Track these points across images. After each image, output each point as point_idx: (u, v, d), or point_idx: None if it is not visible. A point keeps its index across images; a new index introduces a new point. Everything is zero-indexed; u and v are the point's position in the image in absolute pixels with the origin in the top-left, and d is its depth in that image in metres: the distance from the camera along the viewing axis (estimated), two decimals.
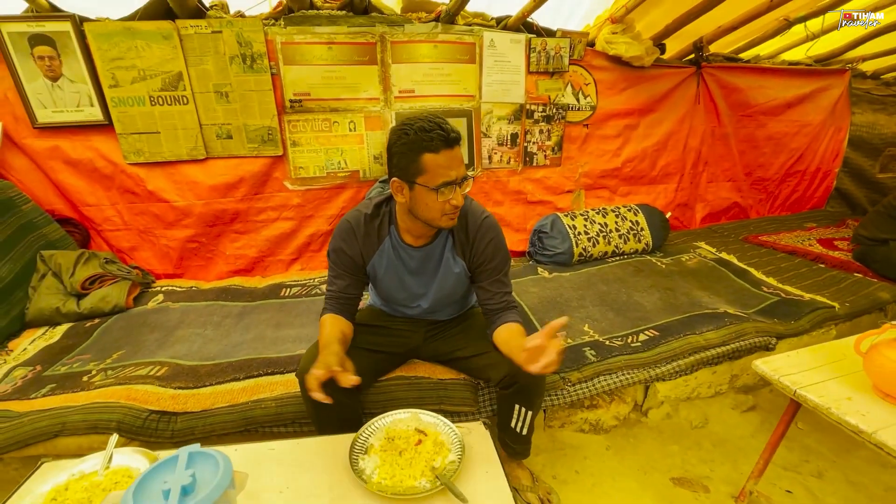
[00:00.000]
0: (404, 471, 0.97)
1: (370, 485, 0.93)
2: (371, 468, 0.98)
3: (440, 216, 1.14)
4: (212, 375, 1.51)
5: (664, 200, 2.83)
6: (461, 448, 1.01)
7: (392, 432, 1.06)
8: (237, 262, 2.30)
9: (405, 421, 1.10)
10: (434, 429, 1.08)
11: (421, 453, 1.00)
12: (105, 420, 1.31)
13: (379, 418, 1.11)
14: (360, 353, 1.31)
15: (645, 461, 1.64)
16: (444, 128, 1.06)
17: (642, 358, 1.65)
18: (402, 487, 0.93)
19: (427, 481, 0.94)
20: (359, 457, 1.01)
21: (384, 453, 1.01)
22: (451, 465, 0.98)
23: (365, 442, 1.05)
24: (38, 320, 1.82)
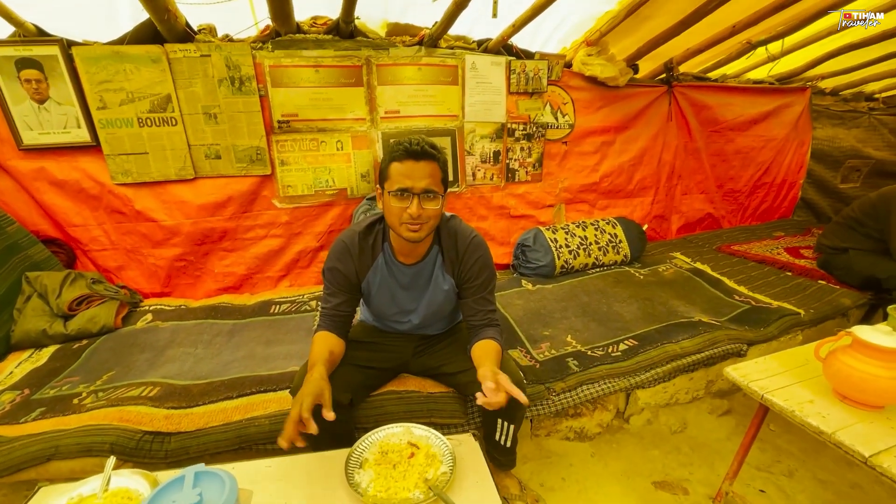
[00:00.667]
0: (398, 483, 1.01)
1: (366, 498, 0.97)
2: (366, 482, 1.02)
3: (399, 224, 1.20)
4: (205, 395, 1.53)
5: (641, 213, 2.96)
6: (452, 459, 1.06)
7: (385, 446, 1.11)
8: (225, 280, 2.32)
9: (398, 435, 1.15)
10: (426, 441, 1.12)
11: (414, 466, 1.05)
12: (99, 443, 1.32)
13: (372, 433, 1.15)
14: (352, 369, 1.35)
15: (628, 466, 1.71)
16: (412, 141, 1.16)
17: (622, 367, 1.72)
18: (397, 499, 0.97)
19: (421, 493, 0.99)
20: (354, 471, 1.04)
21: (378, 467, 1.05)
22: (443, 476, 1.03)
23: (359, 457, 1.09)
24: (24, 342, 1.81)
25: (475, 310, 1.35)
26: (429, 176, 1.16)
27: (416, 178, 1.15)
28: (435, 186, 1.17)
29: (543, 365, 1.72)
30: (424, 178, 1.15)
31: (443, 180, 1.21)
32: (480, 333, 1.33)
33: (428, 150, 1.16)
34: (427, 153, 1.16)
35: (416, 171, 1.15)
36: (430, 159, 1.16)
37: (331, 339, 1.29)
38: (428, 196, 1.17)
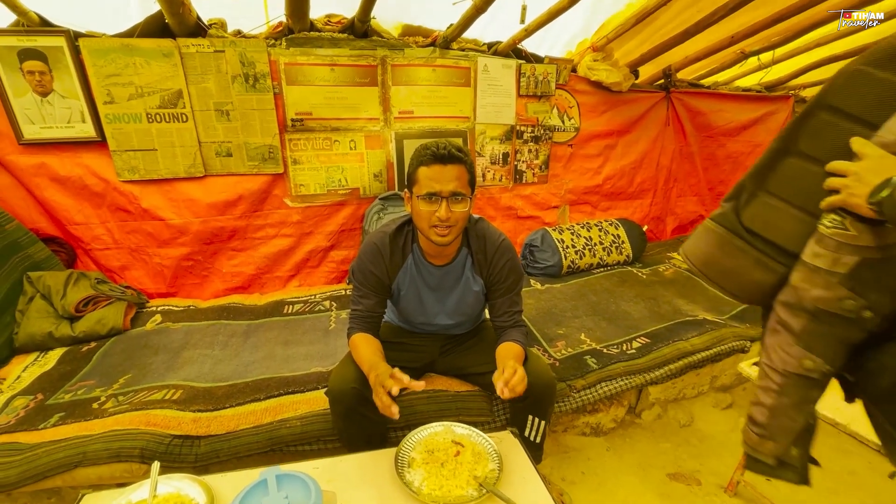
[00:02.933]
0: (450, 481, 1.03)
1: (422, 496, 0.99)
2: (419, 480, 1.03)
3: (428, 227, 1.21)
4: (230, 397, 1.51)
5: (640, 214, 3.05)
6: (498, 457, 1.09)
7: (430, 445, 1.12)
8: (234, 280, 2.28)
9: (440, 434, 1.17)
10: (469, 440, 1.15)
11: (462, 464, 1.07)
12: (128, 448, 1.29)
13: (415, 433, 1.17)
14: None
15: (642, 459, 1.78)
16: (439, 145, 1.16)
17: (638, 364, 1.79)
18: (452, 497, 0.99)
19: (473, 490, 1.01)
20: (403, 470, 1.06)
21: (427, 466, 1.07)
22: (492, 473, 1.06)
23: (406, 456, 1.11)
24: (28, 345, 1.74)
25: (502, 311, 1.38)
26: (456, 179, 1.17)
27: (444, 181, 1.16)
28: (462, 189, 1.19)
29: (562, 363, 1.77)
30: (452, 181, 1.17)
31: (470, 182, 1.22)
32: (505, 335, 1.36)
33: (455, 154, 1.17)
34: (454, 156, 1.17)
35: (443, 175, 1.16)
36: (457, 162, 1.17)
37: (373, 340, 1.30)
38: (456, 199, 1.18)
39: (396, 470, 1.05)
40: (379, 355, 1.21)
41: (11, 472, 1.23)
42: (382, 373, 1.11)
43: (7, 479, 1.22)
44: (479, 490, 1.01)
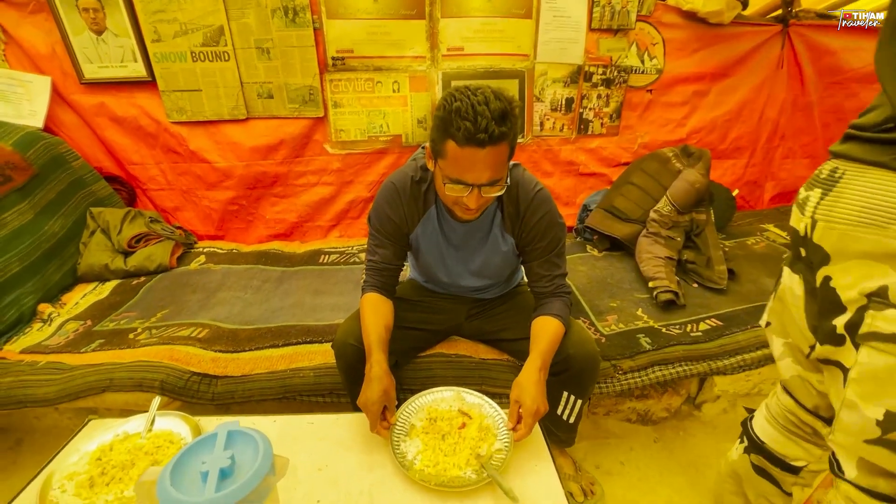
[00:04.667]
0: (448, 458, 0.90)
1: (412, 472, 0.87)
2: (413, 453, 0.92)
3: (452, 205, 1.03)
4: (251, 340, 1.49)
5: (731, 177, 2.58)
6: (509, 436, 0.94)
7: (434, 412, 0.99)
8: (276, 227, 2.28)
9: (448, 400, 1.03)
10: (479, 411, 1.00)
11: (465, 439, 0.93)
12: (150, 379, 1.32)
13: (420, 395, 1.04)
14: (398, 332, 1.24)
15: (696, 457, 1.54)
16: (478, 116, 0.85)
17: (703, 349, 1.51)
18: (447, 477, 0.87)
19: (472, 471, 0.88)
20: (400, 438, 0.95)
21: (426, 436, 0.95)
22: (498, 453, 0.91)
23: (406, 421, 0.99)
24: (88, 275, 1.87)
25: (540, 275, 1.18)
26: (494, 165, 0.92)
27: (479, 170, 0.91)
28: (500, 172, 0.94)
29: (610, 340, 1.54)
30: (488, 168, 0.92)
31: (510, 153, 0.97)
32: (544, 306, 1.16)
33: (498, 132, 0.87)
34: (496, 137, 0.87)
35: (478, 163, 0.90)
36: (499, 142, 0.89)
37: (382, 307, 1.15)
38: (491, 186, 0.96)
39: (391, 437, 0.94)
40: (382, 335, 1.07)
41: (51, 390, 1.32)
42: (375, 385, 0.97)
43: (47, 395, 1.31)
44: (479, 472, 0.87)
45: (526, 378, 0.98)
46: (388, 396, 0.95)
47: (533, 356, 1.01)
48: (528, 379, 0.97)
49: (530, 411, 0.92)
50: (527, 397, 0.93)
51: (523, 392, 0.95)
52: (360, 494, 0.87)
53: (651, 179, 2.11)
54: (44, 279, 1.72)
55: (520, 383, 0.97)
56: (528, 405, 0.92)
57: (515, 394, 0.95)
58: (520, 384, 0.97)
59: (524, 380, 0.98)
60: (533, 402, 0.93)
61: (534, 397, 0.93)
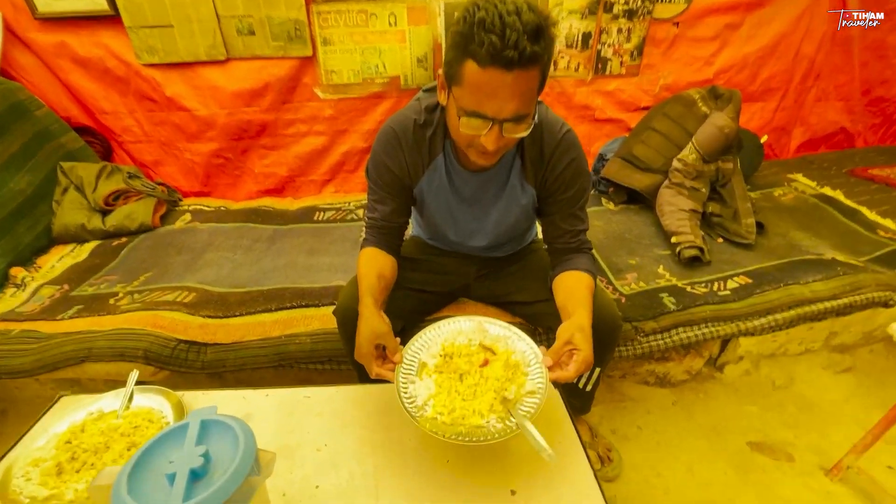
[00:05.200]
0: (467, 403, 0.75)
1: (423, 421, 0.72)
2: (424, 396, 0.77)
3: (466, 147, 0.85)
4: (242, 304, 1.38)
5: (759, 122, 2.37)
6: (543, 375, 0.78)
7: (450, 347, 0.84)
8: (267, 182, 2.11)
9: (466, 333, 0.87)
10: (505, 345, 0.85)
11: (488, 379, 0.78)
12: (132, 348, 1.21)
13: (434, 327, 0.89)
14: (403, 293, 1.12)
15: (717, 421, 1.46)
16: (507, 35, 0.68)
17: (732, 309, 1.39)
18: (465, 426, 0.73)
19: (497, 419, 0.73)
20: (408, 379, 0.80)
21: (441, 376, 0.80)
22: (530, 396, 0.76)
23: (414, 358, 0.84)
24: (64, 236, 1.73)
25: (562, 230, 1.03)
26: (522, 94, 0.74)
27: (503, 98, 0.74)
28: (527, 107, 0.76)
29: (630, 300, 1.43)
30: (515, 98, 0.74)
31: (540, 85, 0.79)
32: (568, 262, 1.02)
33: (530, 51, 0.69)
34: (528, 57, 0.70)
35: (503, 89, 0.73)
36: (530, 65, 0.71)
37: (379, 258, 1.03)
38: (516, 122, 0.77)
39: (397, 379, 0.79)
40: (374, 284, 0.94)
41: (27, 360, 1.21)
42: (365, 330, 0.84)
43: (22, 366, 1.21)
44: (504, 421, 0.73)
45: (585, 323, 0.83)
46: (383, 337, 0.82)
47: (582, 312, 0.87)
48: (586, 325, 0.83)
49: (583, 358, 0.78)
50: (585, 342, 0.79)
51: (583, 336, 0.80)
52: (364, 477, 0.77)
53: (674, 125, 1.92)
54: (13, 240, 1.58)
55: (579, 326, 0.82)
56: (584, 350, 0.78)
57: (568, 335, 0.80)
58: (579, 326, 0.81)
59: (584, 323, 0.83)
60: (589, 349, 0.79)
61: (591, 346, 0.80)
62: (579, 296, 0.93)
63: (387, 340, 0.83)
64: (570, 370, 0.78)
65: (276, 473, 0.77)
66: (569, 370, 0.79)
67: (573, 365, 0.79)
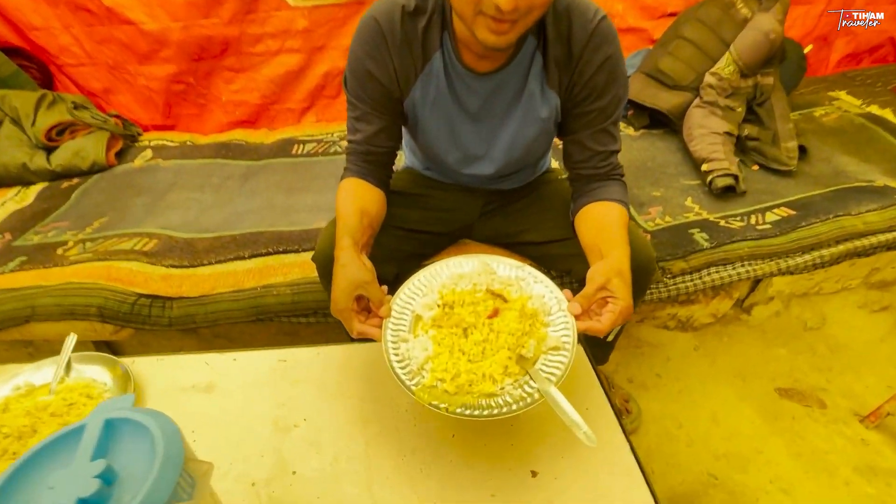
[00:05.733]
0: (474, 365, 0.60)
1: (420, 391, 0.58)
2: (420, 358, 0.61)
3: (472, 14, 0.62)
4: (211, 252, 1.20)
5: (801, 30, 2.05)
6: (569, 326, 0.63)
7: (451, 295, 0.67)
8: (237, 111, 1.85)
9: (471, 276, 0.70)
10: (519, 289, 0.68)
11: (500, 333, 0.62)
12: (83, 305, 1.05)
13: (428, 271, 0.72)
14: (397, 235, 0.94)
15: (743, 366, 1.35)
16: None
17: (774, 245, 1.22)
18: (473, 395, 0.58)
19: (513, 384, 0.59)
20: (399, 338, 0.64)
21: (440, 332, 0.64)
22: (554, 353, 0.61)
23: (406, 309, 0.68)
24: (4, 178, 1.50)
25: (590, 152, 0.83)
26: None
27: None
28: None
29: (657, 237, 1.25)
30: None
31: None
32: (597, 191, 0.83)
33: None
34: None
35: None
36: None
37: (362, 191, 0.83)
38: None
39: (386, 339, 0.63)
40: (354, 223, 0.75)
41: None
42: (341, 280, 0.66)
43: None
44: (522, 386, 0.58)
45: (623, 266, 0.67)
46: (364, 287, 0.65)
47: (619, 252, 0.69)
48: (625, 268, 0.67)
49: (621, 308, 0.62)
50: (624, 289, 0.63)
51: (622, 282, 0.64)
52: (352, 460, 0.63)
53: (709, 32, 1.63)
54: None
55: (617, 269, 0.65)
56: (623, 299, 0.62)
57: (603, 279, 0.64)
58: (617, 270, 0.65)
59: (622, 266, 0.67)
60: (629, 298, 0.64)
61: (630, 293, 0.65)
62: (614, 232, 0.75)
63: (369, 290, 0.65)
64: (604, 321, 0.63)
65: (245, 458, 0.63)
66: (601, 322, 0.63)
67: (608, 315, 0.63)
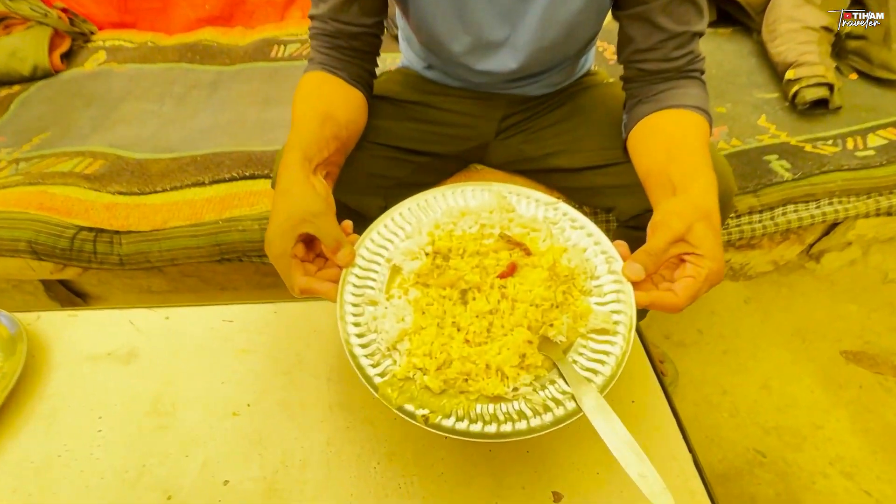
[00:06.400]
0: (474, 349, 0.40)
1: (386, 387, 0.39)
2: (393, 333, 0.41)
3: None
4: (166, 176, 0.99)
5: None
6: (623, 297, 0.42)
7: (446, 241, 0.47)
8: (207, 6, 1.53)
9: (478, 213, 0.49)
10: (550, 238, 0.47)
11: (515, 303, 0.42)
12: (8, 240, 0.87)
13: (419, 199, 0.51)
14: (377, 156, 0.71)
15: (803, 323, 1.14)
16: None
17: (877, 177, 0.95)
18: (468, 397, 0.39)
19: (533, 383, 0.39)
20: (364, 300, 0.44)
21: (426, 294, 0.44)
22: (599, 337, 0.41)
23: (380, 254, 0.47)
24: None
25: (665, 34, 0.56)
26: None
27: None
28: None
29: None
30: None
31: None
32: (667, 94, 0.58)
33: None
34: None
35: None
36: None
37: (329, 88, 0.59)
38: None
39: (343, 300, 0.43)
40: (312, 128, 0.51)
41: None
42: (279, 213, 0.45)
43: None
44: (545, 385, 0.39)
45: (710, 204, 0.44)
46: (310, 221, 0.43)
47: (702, 183, 0.46)
48: (713, 208, 0.44)
49: (707, 274, 0.40)
50: (712, 239, 0.41)
51: (708, 228, 0.41)
52: (304, 468, 0.46)
53: None
54: None
55: (704, 210, 0.42)
56: (712, 255, 0.41)
57: (683, 225, 0.41)
58: (703, 211, 0.42)
59: (709, 204, 0.44)
60: (720, 252, 0.42)
61: (721, 244, 0.43)
62: (694, 155, 0.51)
63: (319, 226, 0.43)
64: (680, 292, 0.41)
65: (162, 459, 0.46)
66: (676, 293, 0.41)
67: (686, 283, 0.41)
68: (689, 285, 0.41)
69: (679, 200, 0.45)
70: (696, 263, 0.42)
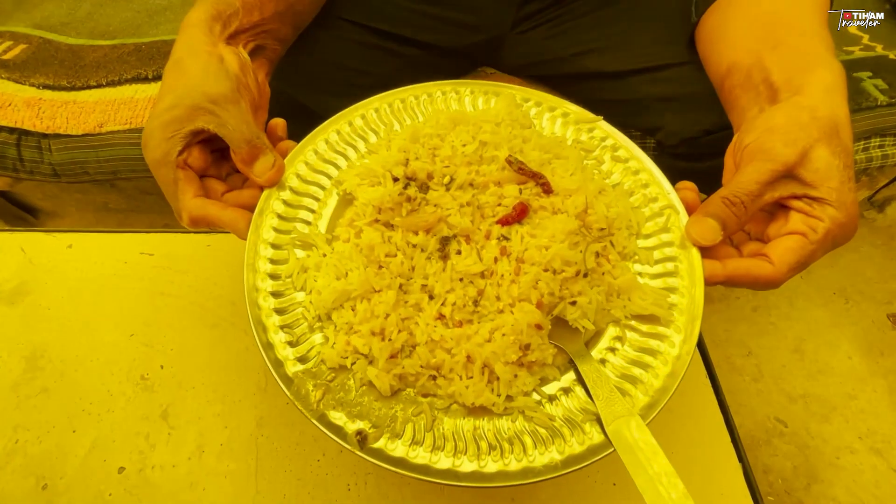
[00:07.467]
0: (452, 333, 0.27)
1: (305, 380, 0.26)
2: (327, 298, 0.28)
3: None
4: (102, 67, 0.81)
5: None
6: (679, 266, 0.30)
7: (426, 162, 0.32)
8: None
9: (477, 124, 0.35)
10: (579, 167, 0.33)
11: (523, 263, 0.29)
12: None
13: (395, 94, 0.38)
14: (356, 44, 0.54)
15: (849, 281, 1.00)
16: None
17: None
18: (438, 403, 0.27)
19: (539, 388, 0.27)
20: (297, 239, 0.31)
21: (385, 246, 0.30)
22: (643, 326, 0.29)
23: (325, 173, 0.33)
24: None
25: None
26: None
27: None
28: None
29: None
30: None
31: None
32: None
33: None
34: None
35: None
36: None
37: None
38: None
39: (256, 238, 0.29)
40: None
41: None
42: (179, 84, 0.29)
43: None
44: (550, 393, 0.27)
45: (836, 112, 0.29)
46: (208, 109, 0.29)
47: (823, 78, 0.30)
48: (840, 123, 0.29)
49: (838, 224, 0.27)
50: (843, 173, 0.27)
51: (831, 154, 0.27)
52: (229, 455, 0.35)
53: None
54: None
55: (828, 124, 0.28)
56: (841, 201, 0.27)
57: (794, 150, 0.27)
58: (827, 125, 0.28)
59: (834, 112, 0.29)
60: (850, 199, 0.28)
61: (851, 182, 0.28)
62: (804, 34, 0.33)
63: (223, 119, 0.29)
64: (778, 260, 0.28)
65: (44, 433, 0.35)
66: (772, 260, 0.28)
67: (791, 245, 0.28)
68: (796, 248, 0.27)
69: (784, 109, 0.29)
70: (810, 212, 0.27)
